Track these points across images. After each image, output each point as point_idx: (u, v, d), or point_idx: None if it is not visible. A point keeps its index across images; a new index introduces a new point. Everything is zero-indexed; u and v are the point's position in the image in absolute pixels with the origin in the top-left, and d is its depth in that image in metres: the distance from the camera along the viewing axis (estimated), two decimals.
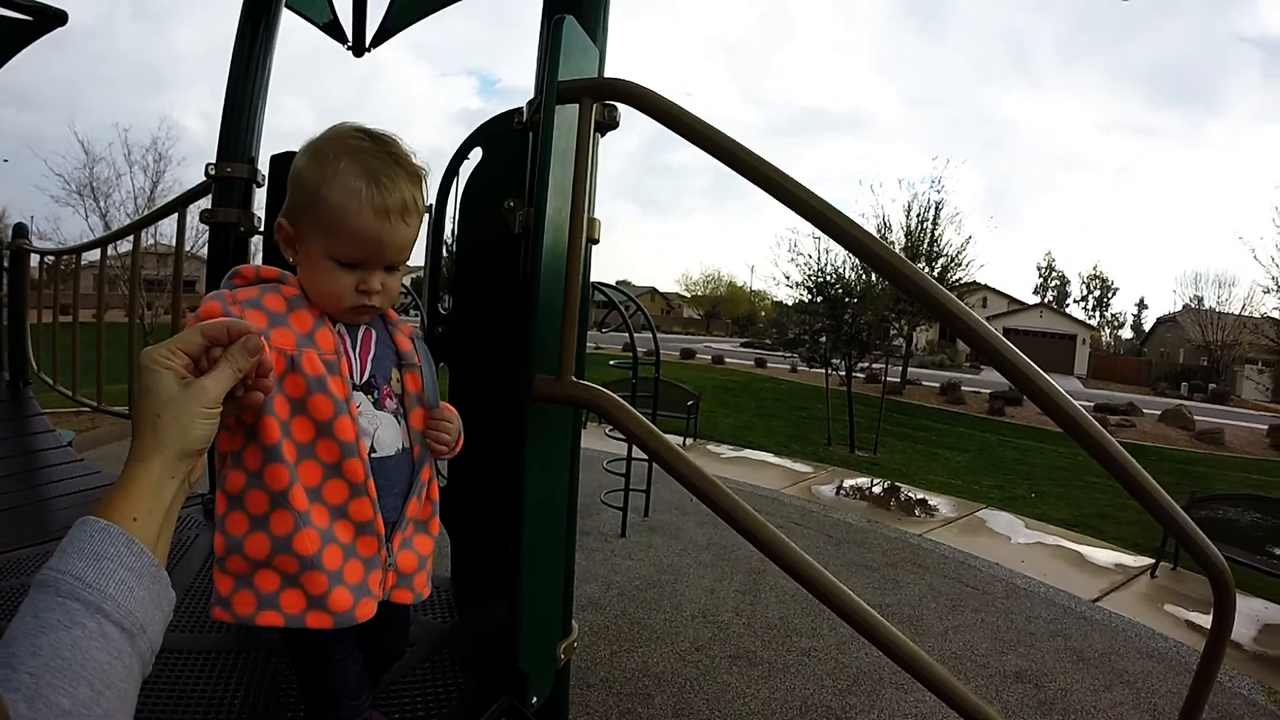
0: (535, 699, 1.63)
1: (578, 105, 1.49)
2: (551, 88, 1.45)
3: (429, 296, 2.06)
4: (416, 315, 10.02)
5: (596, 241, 1.71)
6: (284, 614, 1.14)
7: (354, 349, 1.25)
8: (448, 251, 2.11)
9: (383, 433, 1.24)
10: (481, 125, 1.88)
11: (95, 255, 4.90)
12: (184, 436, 0.89)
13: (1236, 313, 46.08)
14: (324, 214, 1.16)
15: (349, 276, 1.19)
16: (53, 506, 3.52)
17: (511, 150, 1.75)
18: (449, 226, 2.02)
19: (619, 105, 1.64)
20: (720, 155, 1.49)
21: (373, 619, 1.22)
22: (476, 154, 1.90)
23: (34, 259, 5.37)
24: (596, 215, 1.68)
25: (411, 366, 1.32)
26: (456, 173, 1.94)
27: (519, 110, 1.74)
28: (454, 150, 1.97)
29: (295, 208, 1.20)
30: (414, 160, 1.24)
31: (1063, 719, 4.00)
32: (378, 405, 1.25)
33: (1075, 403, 1.46)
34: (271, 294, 1.17)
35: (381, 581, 1.24)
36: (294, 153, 2.64)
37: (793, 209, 1.50)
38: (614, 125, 1.64)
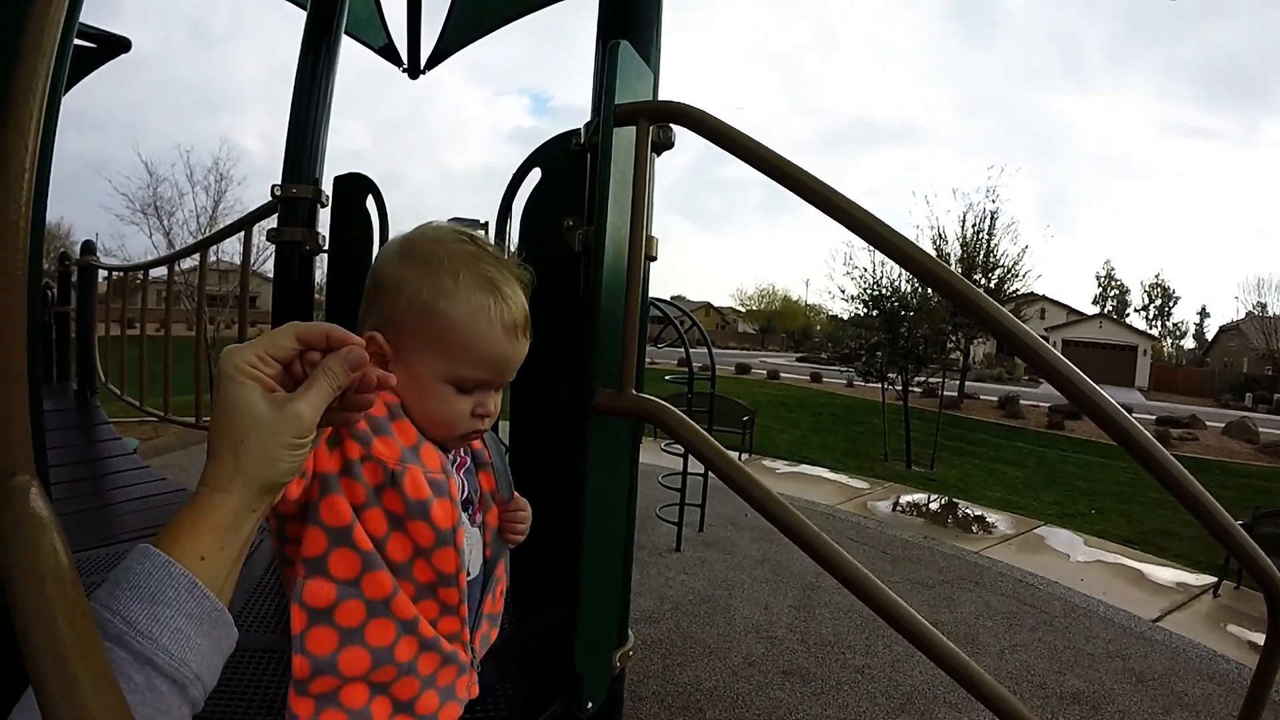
0: (590, 704, 1.65)
1: (634, 127, 1.52)
2: (609, 111, 1.48)
3: None
4: None
5: (654, 259, 1.74)
6: None
7: (453, 465, 1.11)
8: None
9: (475, 553, 1.15)
10: (540, 147, 1.92)
11: (158, 271, 5.07)
12: (270, 469, 0.77)
13: None
14: (444, 332, 1.01)
15: (466, 400, 1.06)
16: (119, 511, 3.64)
17: (569, 171, 1.78)
18: (508, 244, 2.07)
19: (673, 125, 1.66)
20: (773, 173, 1.51)
21: None
22: (535, 174, 1.95)
23: (101, 274, 5.56)
24: (653, 233, 1.71)
25: (484, 465, 1.21)
26: (515, 193, 1.99)
27: (576, 132, 1.78)
28: (509, 169, 2.03)
29: (399, 321, 1.03)
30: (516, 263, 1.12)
31: None
32: (471, 522, 1.14)
33: (1128, 415, 1.45)
34: None
35: (468, 685, 1.15)
36: (360, 175, 2.74)
37: (844, 225, 1.51)
38: (669, 145, 1.66)
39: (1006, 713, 1.56)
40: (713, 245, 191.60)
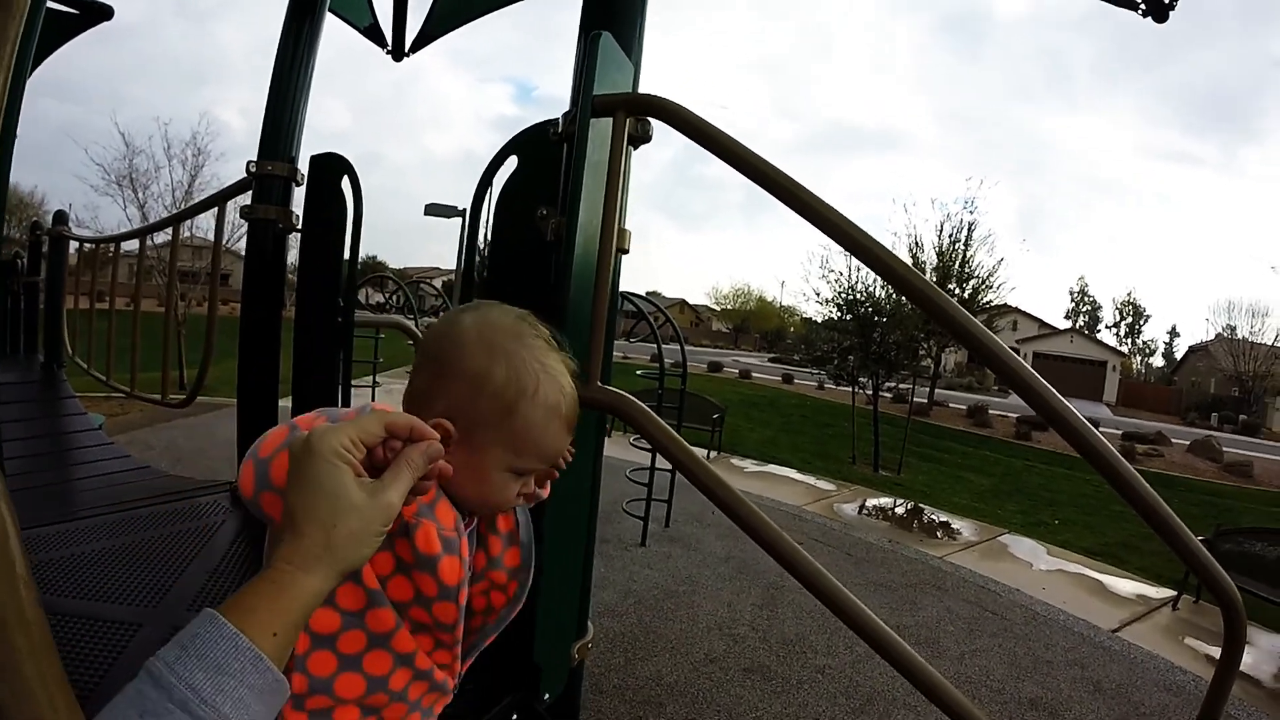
0: (548, 695, 1.65)
1: (612, 119, 1.52)
2: (587, 101, 1.49)
3: (459, 299, 2.10)
4: None
5: (626, 252, 1.75)
6: None
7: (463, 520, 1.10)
8: (480, 257, 2.14)
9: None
10: (517, 134, 1.91)
11: (132, 245, 5.00)
12: (356, 554, 0.79)
13: (1269, 343, 45.45)
14: (519, 432, 1.03)
15: (518, 483, 1.08)
16: (81, 486, 3.60)
17: (546, 160, 1.77)
18: (482, 231, 2.06)
19: (652, 120, 1.66)
20: (749, 173, 1.51)
21: None
22: (512, 162, 1.94)
23: (72, 246, 5.49)
24: (627, 226, 1.71)
25: None
26: (491, 180, 1.98)
27: (554, 121, 1.76)
28: (490, 156, 2.01)
29: (474, 413, 1.02)
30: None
31: None
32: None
33: (1094, 430, 1.47)
34: None
35: (444, 702, 1.18)
36: (335, 155, 2.71)
37: (817, 226, 1.52)
38: (647, 139, 1.67)
39: (963, 716, 1.57)
40: (691, 243, 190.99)
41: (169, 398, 4.43)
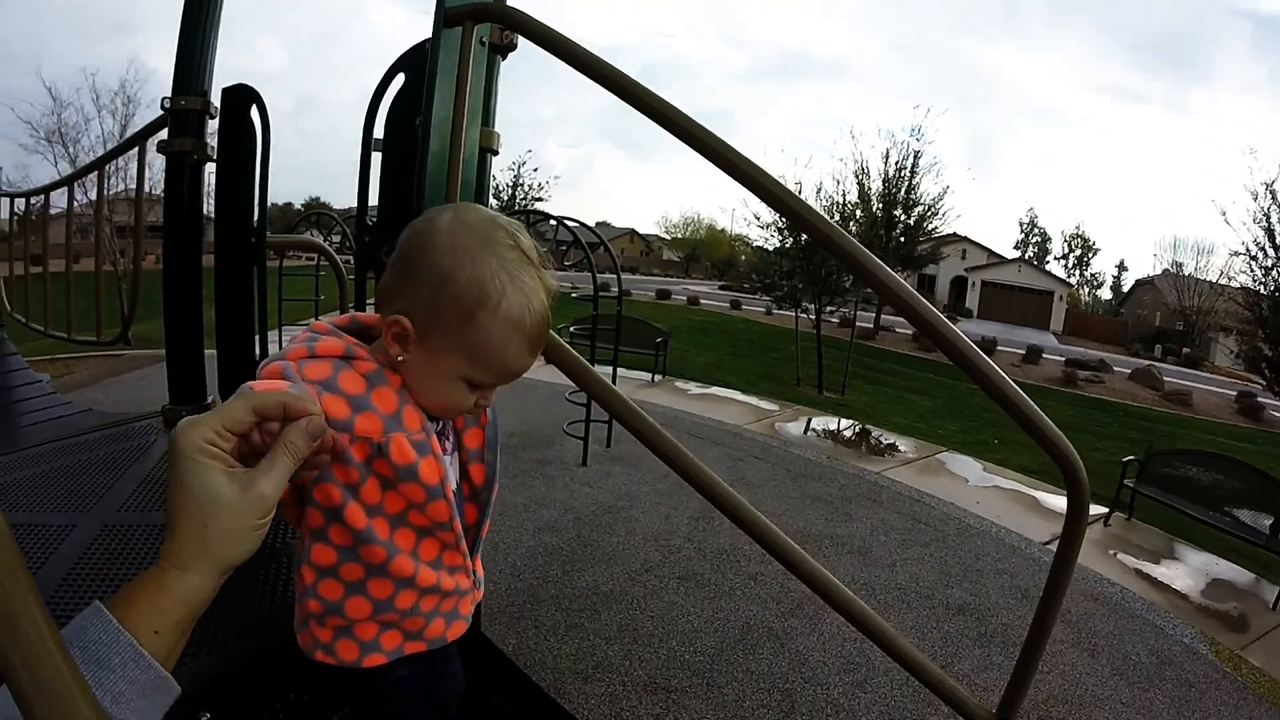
0: None
1: (462, 28, 1.64)
2: (440, 13, 1.63)
3: (358, 211, 2.23)
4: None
5: (495, 153, 1.88)
6: (385, 652, 1.15)
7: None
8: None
9: (451, 476, 1.16)
10: (404, 53, 2.05)
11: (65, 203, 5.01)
12: (234, 550, 0.78)
13: (1213, 280, 46.31)
14: (476, 343, 1.01)
15: (473, 395, 1.07)
16: (28, 433, 3.67)
17: (425, 74, 1.84)
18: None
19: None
20: (601, 80, 1.58)
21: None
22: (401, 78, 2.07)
23: (4, 207, 5.46)
24: (497, 129, 1.85)
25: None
26: (381, 99, 2.11)
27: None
28: None
29: (434, 314, 1.01)
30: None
31: (1001, 650, 4.13)
32: (444, 450, 1.15)
33: (957, 330, 1.51)
34: (346, 371, 1.02)
35: (472, 601, 1.25)
36: (244, 86, 2.80)
37: (678, 135, 1.60)
38: (512, 47, 1.81)
39: (874, 633, 1.67)
40: (640, 172, 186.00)
41: (102, 337, 4.51)
